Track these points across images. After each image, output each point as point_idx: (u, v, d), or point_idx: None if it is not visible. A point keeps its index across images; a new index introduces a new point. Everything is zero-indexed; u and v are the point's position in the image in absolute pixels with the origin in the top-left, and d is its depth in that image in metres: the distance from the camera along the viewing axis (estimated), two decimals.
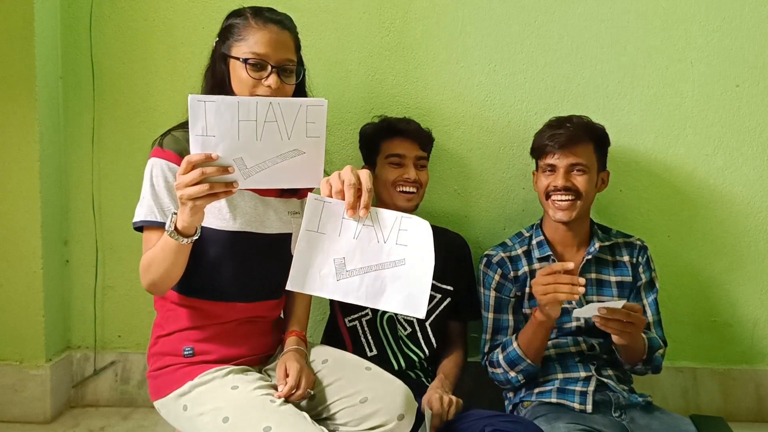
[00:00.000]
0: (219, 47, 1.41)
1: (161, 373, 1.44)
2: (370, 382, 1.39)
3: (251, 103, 1.14)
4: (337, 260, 1.14)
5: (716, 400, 2.06)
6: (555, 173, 1.69)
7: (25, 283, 1.95)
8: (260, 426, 1.24)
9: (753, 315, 2.05)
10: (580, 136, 1.69)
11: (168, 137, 1.39)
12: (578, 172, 1.68)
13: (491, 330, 1.76)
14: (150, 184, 1.35)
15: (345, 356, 1.52)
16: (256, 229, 1.43)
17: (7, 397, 1.96)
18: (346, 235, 1.14)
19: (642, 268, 1.76)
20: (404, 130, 1.79)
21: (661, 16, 1.96)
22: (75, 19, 1.99)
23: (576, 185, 1.68)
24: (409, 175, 1.75)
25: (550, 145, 1.69)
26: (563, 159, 1.68)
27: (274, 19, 1.39)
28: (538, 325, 1.58)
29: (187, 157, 1.14)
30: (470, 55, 1.99)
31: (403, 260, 1.15)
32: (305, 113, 1.17)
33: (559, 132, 1.69)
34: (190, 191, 1.14)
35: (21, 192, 1.92)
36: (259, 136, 1.16)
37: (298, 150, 1.19)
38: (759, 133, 1.99)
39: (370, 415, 1.34)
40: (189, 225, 1.21)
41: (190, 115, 1.13)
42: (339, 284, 1.15)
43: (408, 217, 1.18)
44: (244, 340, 1.48)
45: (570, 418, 1.56)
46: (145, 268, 1.34)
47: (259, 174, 1.18)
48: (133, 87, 2.01)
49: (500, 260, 1.77)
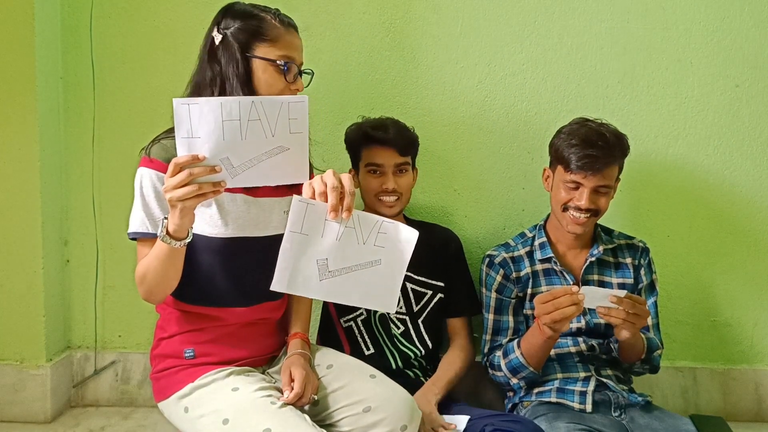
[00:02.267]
0: (233, 44, 1.35)
1: (163, 375, 1.44)
2: (375, 391, 1.38)
3: (234, 103, 1.16)
4: (320, 261, 1.17)
5: (716, 400, 2.06)
6: (578, 190, 1.62)
7: (25, 283, 1.95)
8: (260, 428, 1.24)
9: (753, 315, 2.05)
10: (613, 160, 1.62)
11: (155, 146, 1.37)
12: (602, 192, 1.64)
13: (491, 331, 1.76)
14: (140, 195, 1.35)
15: (350, 362, 1.50)
16: (250, 233, 1.42)
17: (8, 397, 1.96)
18: (328, 236, 1.17)
19: (644, 271, 1.76)
20: (381, 138, 1.75)
21: (661, 16, 1.96)
22: (75, 19, 1.99)
23: (598, 206, 1.64)
24: (387, 185, 1.74)
25: (581, 165, 1.59)
26: (591, 180, 1.60)
27: (292, 23, 1.41)
28: (545, 340, 1.56)
29: (174, 159, 1.15)
30: (470, 56, 1.99)
31: (379, 260, 1.19)
32: (287, 110, 1.18)
33: (592, 153, 1.58)
34: (178, 193, 1.15)
35: (21, 192, 1.92)
36: (244, 135, 1.17)
37: (283, 147, 1.20)
38: (759, 133, 1.99)
39: (373, 425, 1.33)
40: (180, 227, 1.22)
41: (175, 118, 1.15)
42: (322, 284, 1.18)
43: (390, 222, 1.20)
44: (246, 343, 1.48)
45: (570, 418, 1.56)
46: (140, 278, 1.34)
47: (246, 172, 1.19)
48: (133, 87, 2.01)
49: (503, 261, 1.76)
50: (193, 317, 1.44)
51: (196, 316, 1.44)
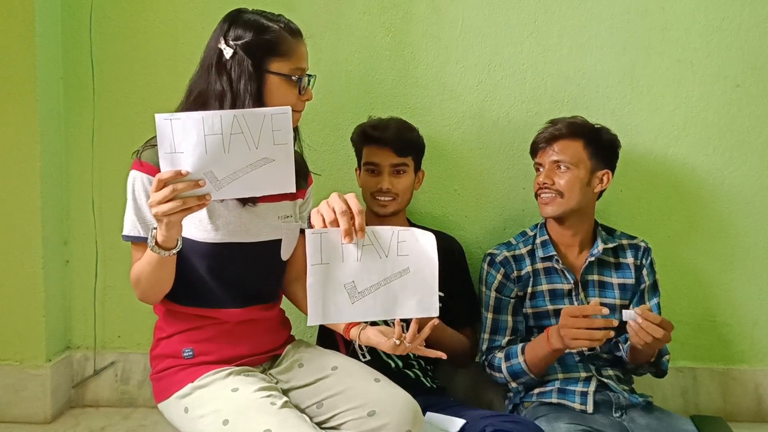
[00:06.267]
0: (245, 59, 1.32)
1: (163, 375, 1.44)
2: (379, 395, 1.37)
3: (215, 117, 1.16)
4: (348, 285, 1.19)
5: (716, 400, 2.06)
6: (541, 171, 1.73)
7: (25, 284, 1.95)
8: (260, 428, 1.24)
9: (753, 315, 2.05)
10: (563, 134, 1.70)
11: (147, 150, 1.36)
12: (562, 169, 1.69)
13: (489, 330, 1.76)
14: (132, 198, 1.35)
15: (354, 365, 1.49)
16: (241, 238, 1.40)
17: (8, 397, 1.96)
18: (349, 259, 1.18)
19: (646, 271, 1.76)
20: (378, 137, 1.75)
21: (661, 16, 1.96)
22: (75, 19, 1.99)
23: (556, 182, 1.68)
24: (382, 185, 1.75)
25: (536, 142, 1.75)
26: (546, 156, 1.72)
27: (299, 31, 1.40)
28: (552, 352, 1.57)
29: (158, 175, 1.16)
30: (470, 56, 1.99)
31: (407, 269, 1.20)
32: (270, 122, 1.19)
33: (545, 129, 1.74)
34: (163, 208, 1.16)
35: (21, 192, 1.92)
36: (227, 148, 1.18)
37: (267, 158, 1.21)
38: (759, 133, 1.99)
39: (377, 429, 1.33)
40: (168, 239, 1.23)
41: (158, 134, 1.15)
42: (355, 307, 1.19)
43: (405, 229, 1.21)
44: (245, 340, 1.47)
45: (570, 418, 1.56)
46: (135, 282, 1.37)
47: (231, 185, 1.20)
48: (133, 87, 2.01)
49: (504, 259, 1.76)
50: (190, 316, 1.44)
51: (192, 315, 1.44)
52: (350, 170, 1.91)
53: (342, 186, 1.97)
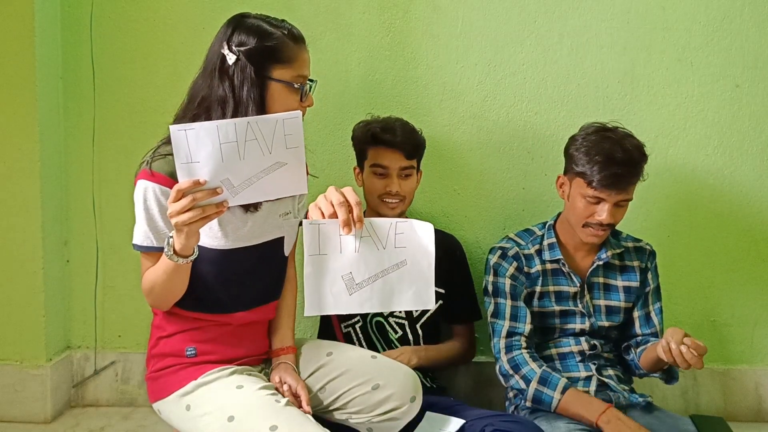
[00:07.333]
0: (247, 66, 1.32)
1: (162, 374, 1.44)
2: (379, 369, 1.44)
3: (230, 125, 1.17)
4: (345, 276, 1.18)
5: (716, 400, 2.06)
6: (599, 205, 1.59)
7: (25, 283, 1.95)
8: (267, 425, 1.25)
9: (753, 315, 2.05)
10: (637, 176, 1.59)
11: (158, 160, 1.34)
12: (622, 206, 1.62)
13: (509, 317, 1.69)
14: (144, 209, 1.34)
15: (348, 348, 1.55)
16: (249, 242, 1.42)
17: (8, 397, 1.96)
18: (347, 250, 1.18)
19: (651, 274, 1.75)
20: (389, 141, 1.74)
21: (661, 16, 1.96)
22: (75, 19, 1.99)
23: (618, 219, 1.63)
24: (391, 188, 1.74)
25: (606, 184, 1.55)
26: (614, 196, 1.57)
27: (302, 37, 1.40)
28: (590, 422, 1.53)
29: (176, 186, 1.17)
30: (470, 55, 1.99)
31: (405, 261, 1.20)
32: (282, 126, 1.20)
33: (617, 172, 1.54)
34: (183, 218, 1.17)
35: (21, 192, 1.92)
36: (242, 155, 1.19)
37: (280, 162, 1.22)
38: (759, 133, 1.99)
39: (384, 401, 1.39)
40: (186, 246, 1.24)
41: (173, 144, 1.16)
42: (352, 298, 1.19)
43: (403, 221, 1.21)
44: (245, 341, 1.49)
45: (570, 418, 1.56)
46: (148, 291, 1.37)
47: (247, 190, 1.22)
48: (133, 87, 2.01)
49: (516, 254, 1.72)
50: (194, 319, 1.45)
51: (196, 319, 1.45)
52: (349, 170, 1.91)
53: (341, 186, 1.96)
